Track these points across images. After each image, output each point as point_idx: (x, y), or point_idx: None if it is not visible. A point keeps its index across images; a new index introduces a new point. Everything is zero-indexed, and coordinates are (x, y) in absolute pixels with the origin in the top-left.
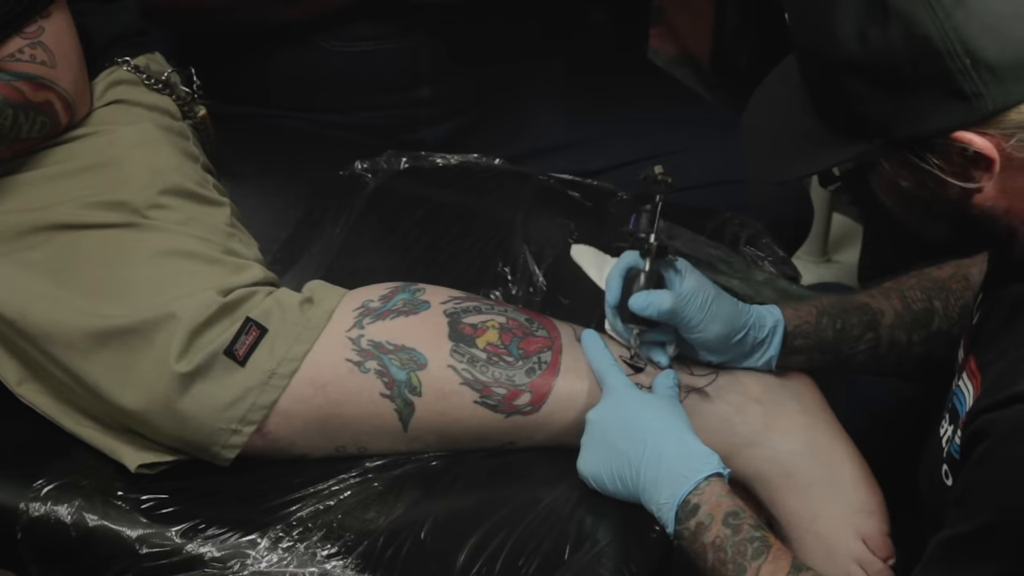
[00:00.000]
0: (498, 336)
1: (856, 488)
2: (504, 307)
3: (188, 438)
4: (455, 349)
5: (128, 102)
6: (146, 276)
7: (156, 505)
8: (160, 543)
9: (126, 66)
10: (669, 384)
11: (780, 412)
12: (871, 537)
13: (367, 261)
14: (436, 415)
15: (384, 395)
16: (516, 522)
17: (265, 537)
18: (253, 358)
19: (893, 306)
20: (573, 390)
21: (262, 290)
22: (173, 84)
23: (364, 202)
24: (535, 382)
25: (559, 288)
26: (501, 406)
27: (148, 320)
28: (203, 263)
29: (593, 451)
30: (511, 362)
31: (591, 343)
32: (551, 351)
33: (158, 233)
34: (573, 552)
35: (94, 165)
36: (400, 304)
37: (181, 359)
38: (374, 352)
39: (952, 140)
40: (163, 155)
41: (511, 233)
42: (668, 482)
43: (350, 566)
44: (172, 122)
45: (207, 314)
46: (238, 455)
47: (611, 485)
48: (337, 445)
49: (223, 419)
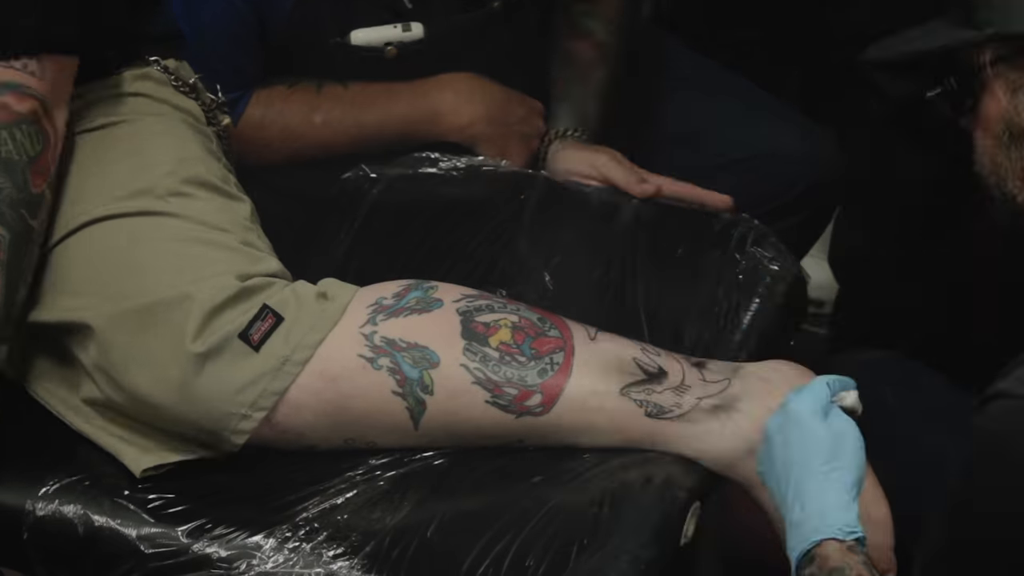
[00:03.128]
0: (511, 335)
1: (861, 499)
2: (517, 305)
3: (198, 421)
4: (467, 348)
5: (155, 98)
6: (163, 260)
7: (162, 505)
8: (166, 543)
9: (156, 66)
10: (851, 406)
11: None
12: (875, 548)
13: (374, 262)
14: (447, 414)
15: (396, 393)
16: (523, 522)
17: (271, 537)
18: (267, 345)
19: None
20: (584, 395)
21: (279, 281)
22: (200, 90)
23: (369, 204)
24: (547, 383)
25: (566, 288)
26: (512, 406)
27: (164, 300)
28: (221, 250)
29: (769, 459)
30: (523, 362)
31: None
32: (563, 352)
33: (175, 219)
34: (580, 553)
35: (120, 156)
36: (413, 302)
37: (196, 339)
38: (387, 349)
39: None
40: (188, 146)
41: (517, 233)
42: (803, 533)
43: (356, 566)
44: (197, 123)
45: (224, 296)
46: (246, 446)
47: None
48: (346, 439)
49: (234, 403)
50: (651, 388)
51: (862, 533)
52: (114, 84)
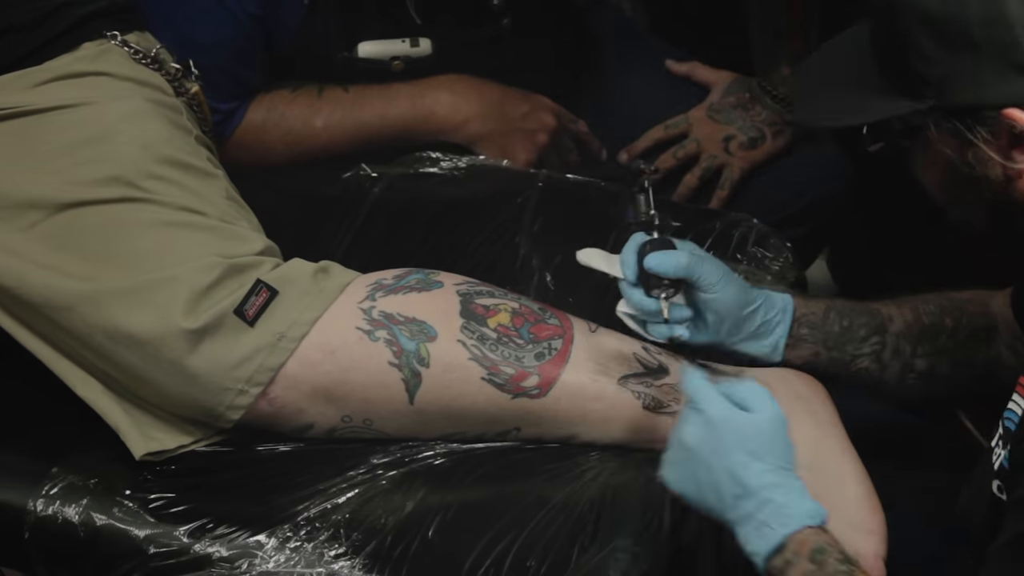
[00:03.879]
0: (510, 319)
1: (858, 507)
2: (517, 295)
3: (194, 397)
4: (465, 326)
5: (116, 76)
6: (146, 246)
7: (164, 504)
8: (167, 542)
9: (114, 40)
10: (764, 399)
11: (792, 426)
12: (865, 557)
13: (375, 261)
14: (442, 388)
15: (392, 363)
16: (524, 522)
17: (273, 536)
18: (263, 319)
19: (903, 315)
20: (582, 381)
21: (269, 260)
22: (162, 60)
23: (370, 203)
24: (544, 366)
25: (567, 287)
26: (508, 385)
27: (149, 281)
28: (203, 231)
29: (683, 473)
30: (521, 344)
31: (687, 372)
32: (562, 340)
33: (156, 205)
34: (582, 553)
35: (84, 140)
36: (414, 282)
37: (188, 317)
38: (384, 322)
39: (1003, 116)
40: (152, 128)
41: (518, 232)
42: (763, 533)
43: (357, 566)
44: (163, 97)
45: (212, 277)
46: (247, 430)
47: (698, 506)
48: (343, 415)
49: (230, 378)
50: (650, 381)
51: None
52: (74, 63)
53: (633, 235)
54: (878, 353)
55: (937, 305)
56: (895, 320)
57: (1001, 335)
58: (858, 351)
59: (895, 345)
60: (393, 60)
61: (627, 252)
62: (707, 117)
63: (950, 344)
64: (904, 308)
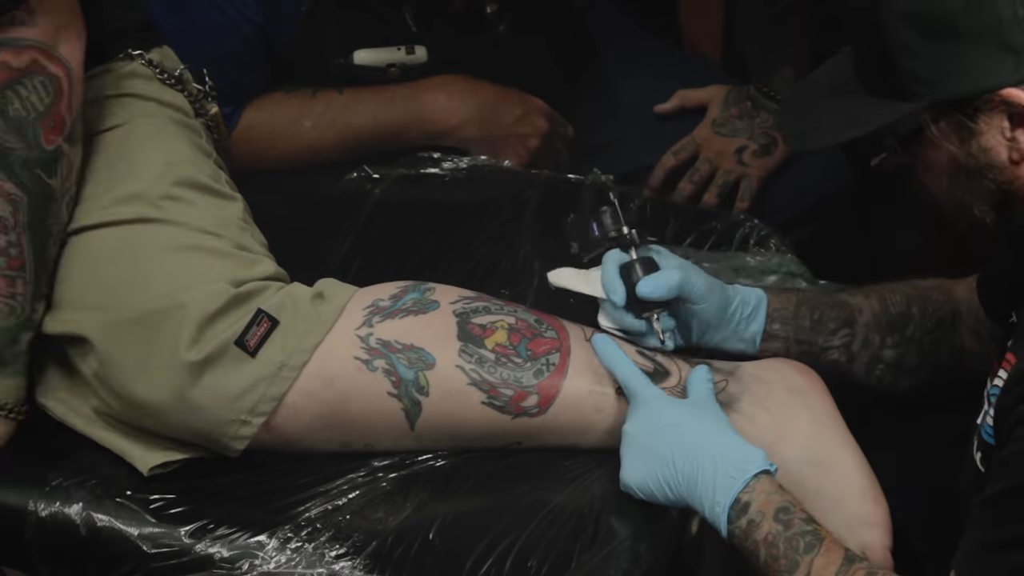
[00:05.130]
0: (507, 337)
1: (861, 499)
2: (514, 307)
3: (198, 429)
4: (463, 349)
5: (143, 97)
6: (157, 269)
7: (165, 505)
8: (169, 543)
9: (140, 60)
10: (703, 382)
11: (789, 421)
12: (872, 549)
13: (376, 262)
14: (443, 415)
15: (391, 394)
16: (525, 523)
17: (274, 537)
18: (264, 349)
19: (871, 306)
20: (580, 392)
21: (274, 284)
22: (185, 81)
23: (371, 205)
24: (543, 384)
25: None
26: (508, 407)
27: (157, 310)
28: (215, 256)
29: (636, 461)
30: (519, 363)
31: (606, 349)
32: (559, 353)
33: (170, 227)
34: (582, 553)
35: (111, 162)
36: (410, 303)
37: (191, 348)
38: (382, 351)
39: (1000, 97)
40: (176, 148)
41: (518, 233)
42: (718, 484)
43: (358, 567)
44: (185, 119)
45: (217, 305)
46: (248, 450)
47: (659, 493)
48: (344, 442)
49: (233, 409)
50: None
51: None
52: (103, 85)
53: (608, 254)
54: (848, 345)
55: (903, 295)
56: (864, 311)
57: (964, 321)
58: (828, 343)
59: (864, 336)
60: (390, 67)
61: (610, 275)
62: (714, 134)
63: (917, 333)
64: (872, 298)
